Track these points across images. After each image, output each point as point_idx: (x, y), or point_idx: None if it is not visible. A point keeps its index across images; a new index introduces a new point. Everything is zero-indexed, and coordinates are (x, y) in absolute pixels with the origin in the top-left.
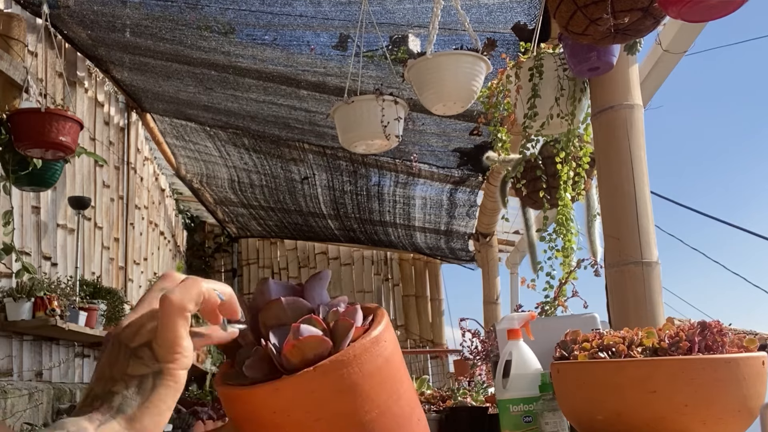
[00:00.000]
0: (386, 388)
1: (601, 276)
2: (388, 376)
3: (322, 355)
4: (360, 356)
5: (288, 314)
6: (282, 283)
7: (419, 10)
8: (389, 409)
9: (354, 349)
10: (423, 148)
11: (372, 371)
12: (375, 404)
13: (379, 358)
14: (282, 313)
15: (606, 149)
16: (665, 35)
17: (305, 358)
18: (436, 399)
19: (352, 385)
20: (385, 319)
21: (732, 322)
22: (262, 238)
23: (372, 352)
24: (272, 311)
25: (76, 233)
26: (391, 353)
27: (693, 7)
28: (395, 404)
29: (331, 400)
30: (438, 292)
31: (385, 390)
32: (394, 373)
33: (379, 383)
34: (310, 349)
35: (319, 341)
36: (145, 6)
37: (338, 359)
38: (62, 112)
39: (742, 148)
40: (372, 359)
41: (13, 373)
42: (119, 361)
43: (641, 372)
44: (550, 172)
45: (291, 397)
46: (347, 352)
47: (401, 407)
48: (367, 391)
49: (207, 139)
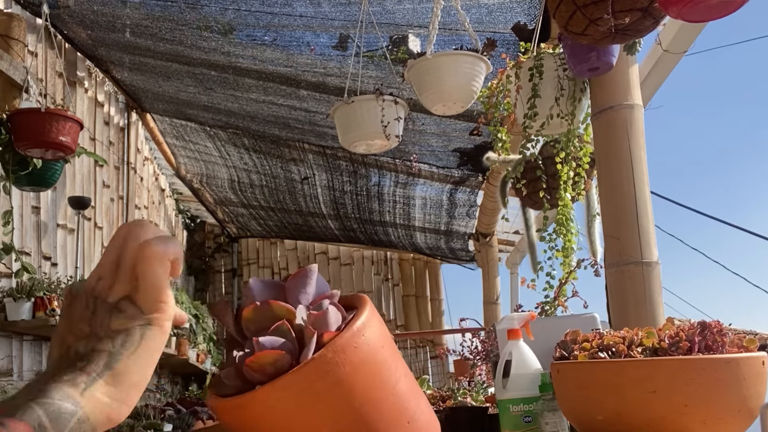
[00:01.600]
0: (360, 397)
1: (601, 276)
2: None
3: (282, 367)
4: (322, 367)
5: (265, 317)
6: (266, 283)
7: (419, 10)
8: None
9: (314, 361)
10: (423, 148)
11: (339, 381)
12: (346, 415)
13: (345, 366)
14: (260, 316)
15: (606, 149)
16: (665, 35)
17: (265, 372)
18: (436, 399)
19: (314, 398)
20: (361, 319)
21: (732, 322)
22: (262, 238)
23: (336, 361)
24: (251, 315)
25: (76, 233)
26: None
27: (693, 8)
28: (373, 409)
29: (294, 414)
30: (438, 292)
31: (359, 398)
32: (371, 377)
33: (348, 392)
34: (267, 363)
35: (276, 356)
36: (145, 6)
37: (296, 373)
38: (62, 112)
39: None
40: (336, 368)
41: (13, 373)
42: (98, 317)
43: (641, 372)
44: (550, 172)
45: (254, 413)
46: (306, 365)
47: (381, 411)
48: (334, 402)
49: (207, 139)
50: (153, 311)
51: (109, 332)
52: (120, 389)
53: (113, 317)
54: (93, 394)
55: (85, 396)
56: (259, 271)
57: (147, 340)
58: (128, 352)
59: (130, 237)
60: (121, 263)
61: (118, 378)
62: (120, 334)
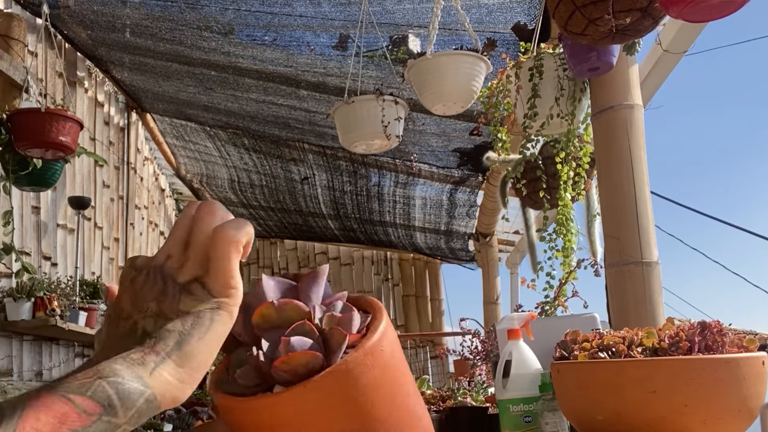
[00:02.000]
0: (383, 399)
1: (601, 276)
2: (381, 386)
3: (313, 368)
4: (353, 370)
5: (281, 317)
6: (279, 281)
7: (419, 11)
8: (386, 420)
9: (347, 363)
10: (423, 148)
11: (366, 385)
12: (371, 416)
13: (374, 369)
14: (275, 315)
15: (606, 149)
16: (665, 35)
17: (296, 372)
18: (436, 399)
19: (345, 400)
20: (384, 322)
21: (732, 322)
22: (262, 238)
23: (366, 363)
24: (265, 314)
25: (76, 233)
26: (388, 362)
27: (694, 8)
28: (394, 413)
29: (323, 416)
30: (438, 292)
31: (382, 400)
32: (390, 380)
33: (375, 395)
34: (300, 364)
35: (309, 357)
36: (145, 6)
37: (330, 374)
38: (62, 112)
39: (742, 148)
40: (365, 371)
41: (13, 373)
42: (167, 296)
43: (641, 372)
44: (550, 172)
45: (281, 413)
46: (339, 367)
47: (401, 415)
48: (362, 404)
49: (207, 139)
50: (223, 296)
51: (180, 313)
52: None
53: (182, 298)
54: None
55: (154, 376)
56: (259, 272)
57: (216, 324)
58: (198, 334)
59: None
60: (191, 244)
61: (186, 360)
62: (190, 315)
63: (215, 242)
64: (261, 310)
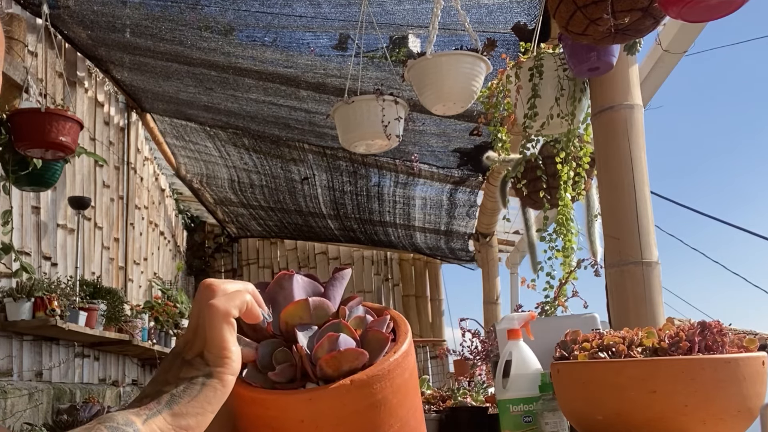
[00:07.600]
0: (407, 401)
1: (601, 276)
2: (410, 389)
3: (356, 367)
4: (392, 371)
5: (312, 315)
6: (307, 281)
7: (419, 11)
8: (408, 422)
9: (388, 364)
10: (423, 149)
11: (399, 385)
12: (397, 417)
13: (406, 372)
14: (306, 313)
15: (606, 149)
16: (665, 35)
17: (340, 370)
18: (436, 399)
19: (382, 400)
20: (410, 331)
21: (732, 322)
22: (262, 238)
23: (402, 366)
24: (297, 311)
25: (76, 233)
26: (414, 367)
27: (693, 8)
28: (412, 417)
29: (361, 413)
30: (438, 292)
31: (407, 403)
32: (414, 384)
33: (403, 397)
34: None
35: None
36: (145, 6)
37: (374, 374)
38: (62, 112)
39: (742, 148)
40: (401, 373)
41: (13, 373)
42: (173, 368)
43: (641, 372)
44: (550, 172)
45: (323, 409)
46: (382, 367)
47: (416, 419)
48: (393, 405)
49: (207, 139)
50: (217, 365)
51: (177, 379)
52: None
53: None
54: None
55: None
56: (259, 272)
57: (206, 389)
58: (188, 397)
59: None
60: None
61: (175, 418)
62: (184, 381)
63: (207, 317)
64: (293, 308)
